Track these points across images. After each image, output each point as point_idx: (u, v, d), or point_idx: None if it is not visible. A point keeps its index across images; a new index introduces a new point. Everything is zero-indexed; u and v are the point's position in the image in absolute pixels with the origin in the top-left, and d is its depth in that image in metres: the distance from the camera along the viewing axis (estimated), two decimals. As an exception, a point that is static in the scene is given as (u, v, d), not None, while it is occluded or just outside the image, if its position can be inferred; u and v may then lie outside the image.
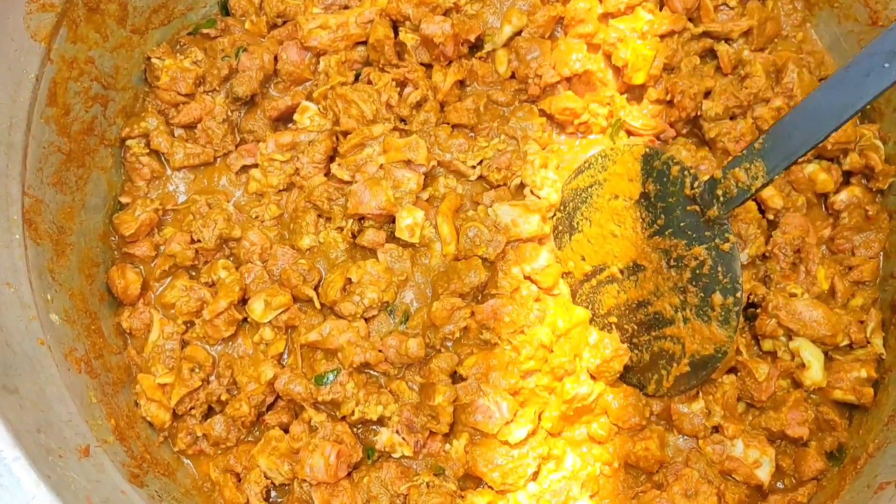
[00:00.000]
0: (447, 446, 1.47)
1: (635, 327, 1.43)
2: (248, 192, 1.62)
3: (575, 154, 1.60)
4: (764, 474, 1.40)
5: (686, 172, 1.29)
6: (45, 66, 1.38)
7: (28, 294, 1.33)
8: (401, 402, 1.47)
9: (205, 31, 1.69)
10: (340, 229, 1.56)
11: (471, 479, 1.47)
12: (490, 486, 1.43)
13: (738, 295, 1.25)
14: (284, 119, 1.67)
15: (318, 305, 1.53)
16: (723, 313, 1.27)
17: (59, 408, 1.29)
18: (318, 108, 1.61)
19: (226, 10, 1.72)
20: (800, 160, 1.54)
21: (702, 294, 1.29)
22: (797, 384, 1.46)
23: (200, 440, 1.51)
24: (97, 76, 1.52)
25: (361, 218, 1.54)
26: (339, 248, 1.55)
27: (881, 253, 1.53)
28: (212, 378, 1.53)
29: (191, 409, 1.51)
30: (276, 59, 1.65)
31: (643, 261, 1.37)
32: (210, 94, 1.65)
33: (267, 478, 1.46)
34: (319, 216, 1.58)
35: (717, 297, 1.27)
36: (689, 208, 1.29)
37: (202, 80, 1.65)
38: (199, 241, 1.57)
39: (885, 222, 1.53)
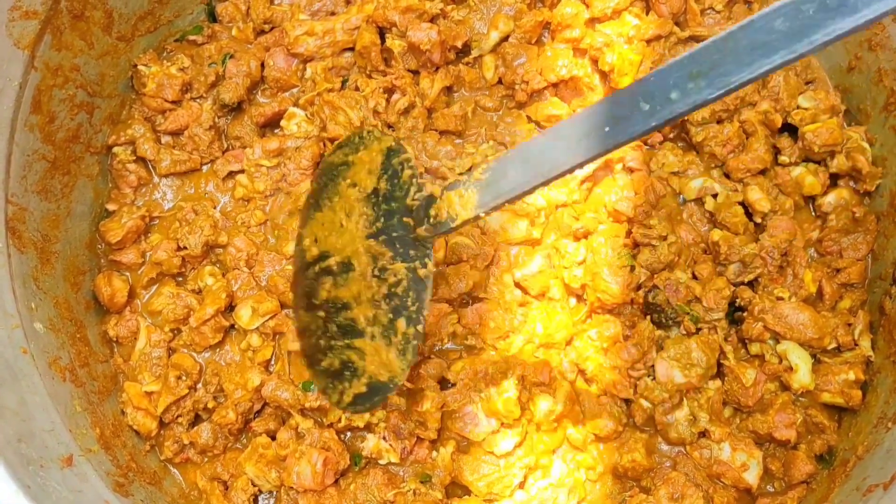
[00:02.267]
0: (434, 453, 1.46)
1: (335, 328, 1.29)
2: (235, 198, 1.62)
3: None
4: (752, 477, 1.39)
5: (414, 181, 1.19)
6: (30, 74, 1.38)
7: (11, 303, 1.32)
8: (388, 407, 1.46)
9: (191, 37, 1.69)
10: None
11: (458, 487, 1.46)
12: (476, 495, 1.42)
13: (420, 328, 1.16)
14: (271, 125, 1.66)
15: None
16: (402, 342, 1.18)
17: (41, 417, 1.28)
18: (306, 115, 1.61)
19: (213, 17, 1.72)
20: (786, 164, 1.56)
21: (391, 315, 1.20)
22: (785, 387, 1.45)
23: (187, 448, 1.50)
24: (82, 84, 1.51)
25: None
26: None
27: (869, 255, 1.53)
28: (199, 386, 1.52)
29: (177, 416, 1.50)
30: (262, 65, 1.65)
31: (355, 260, 1.25)
32: (197, 100, 1.65)
33: (254, 485, 1.45)
34: None
35: (401, 324, 1.18)
36: (405, 219, 1.19)
37: (189, 87, 1.65)
38: (185, 248, 1.57)
39: (872, 224, 1.52)
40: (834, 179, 1.57)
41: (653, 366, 1.44)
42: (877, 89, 1.54)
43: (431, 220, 1.14)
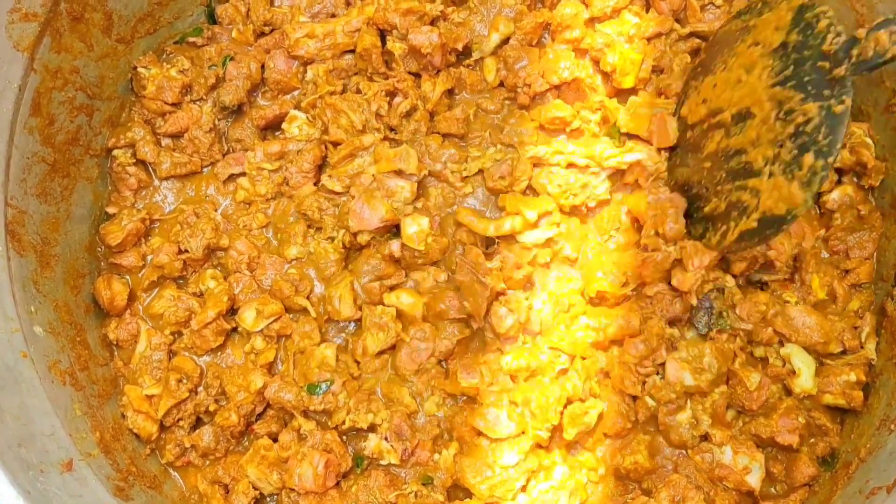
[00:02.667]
0: (436, 455, 1.45)
1: (724, 175, 1.41)
2: (236, 201, 1.61)
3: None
4: (754, 480, 1.39)
5: (832, 28, 1.27)
6: (29, 76, 1.37)
7: (11, 306, 1.32)
8: (393, 407, 1.46)
9: (191, 39, 1.68)
10: (331, 239, 1.55)
11: (459, 490, 1.45)
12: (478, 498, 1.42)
13: (830, 160, 1.23)
14: (272, 127, 1.66)
15: (314, 314, 1.52)
16: (808, 175, 1.25)
17: (41, 421, 1.27)
18: (307, 118, 1.61)
19: (212, 19, 1.72)
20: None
21: (796, 151, 1.27)
22: (787, 391, 1.45)
23: (189, 451, 1.50)
24: (82, 86, 1.51)
25: (357, 232, 1.53)
26: (330, 258, 1.54)
27: (875, 253, 1.53)
28: (199, 389, 1.51)
29: (178, 420, 1.49)
30: (262, 67, 1.64)
31: (755, 108, 1.36)
32: (197, 103, 1.64)
33: (255, 488, 1.45)
34: (309, 226, 1.57)
35: (809, 158, 1.25)
36: (819, 63, 1.27)
37: (189, 89, 1.64)
38: (186, 251, 1.56)
39: (877, 222, 1.52)
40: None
41: (663, 364, 1.44)
42: (878, 90, 1.53)
43: (853, 59, 1.21)
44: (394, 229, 1.53)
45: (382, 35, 1.61)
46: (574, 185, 1.52)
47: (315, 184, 1.59)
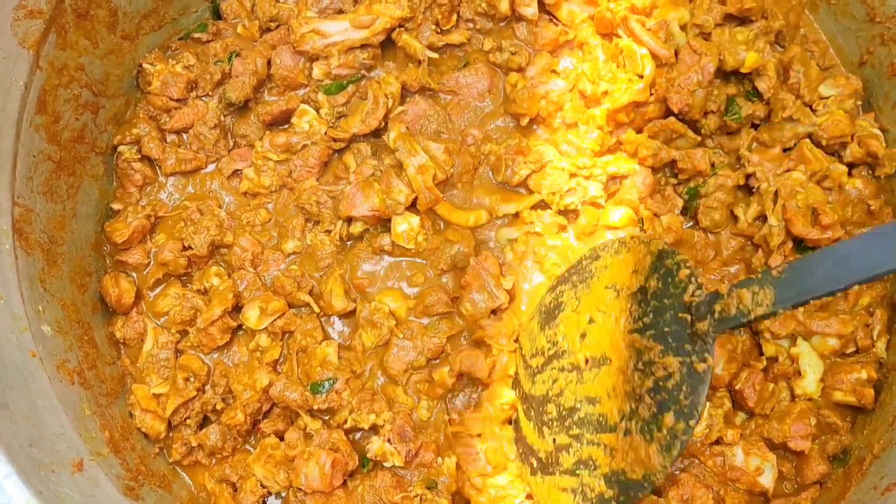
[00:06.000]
0: (439, 459, 1.45)
1: (571, 426, 1.29)
2: (240, 192, 1.60)
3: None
4: (767, 481, 1.38)
5: (692, 279, 1.22)
6: (34, 74, 1.36)
7: (19, 305, 1.31)
8: (395, 408, 1.46)
9: (196, 35, 1.67)
10: (328, 231, 1.55)
11: (464, 496, 1.45)
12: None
13: (692, 423, 1.14)
14: (278, 123, 1.65)
15: (316, 310, 1.52)
16: (668, 437, 1.16)
17: (51, 421, 1.27)
18: (317, 114, 1.60)
19: (217, 15, 1.70)
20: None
21: (655, 409, 1.19)
22: (792, 394, 1.45)
23: (196, 450, 1.49)
24: (87, 83, 1.49)
25: (350, 219, 1.53)
26: (326, 249, 1.54)
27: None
28: (207, 387, 1.51)
29: (186, 419, 1.49)
30: (269, 63, 1.63)
31: (612, 354, 1.28)
32: (202, 99, 1.63)
33: (263, 487, 1.44)
34: (307, 220, 1.57)
35: (669, 419, 1.16)
36: (680, 315, 1.21)
37: (194, 85, 1.63)
38: (190, 248, 1.55)
39: (888, 217, 1.51)
40: (849, 169, 1.54)
41: None
42: (889, 83, 1.53)
43: (716, 315, 1.15)
44: (387, 224, 1.53)
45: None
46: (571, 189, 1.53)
47: (317, 179, 1.59)
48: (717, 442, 1.42)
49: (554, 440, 1.31)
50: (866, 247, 1.02)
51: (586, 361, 1.30)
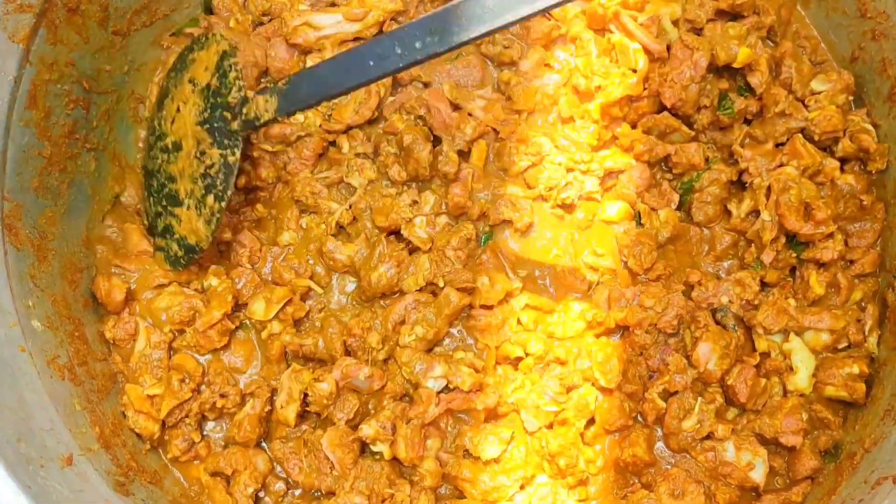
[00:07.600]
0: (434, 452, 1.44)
1: (163, 199, 1.54)
2: (237, 187, 1.60)
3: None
4: (758, 476, 1.38)
5: (238, 82, 1.39)
6: (24, 69, 1.35)
7: (8, 300, 1.31)
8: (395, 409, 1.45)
9: (188, 30, 1.66)
10: (325, 222, 1.55)
11: (455, 490, 1.45)
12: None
13: (223, 204, 1.41)
14: (273, 117, 1.64)
15: (320, 291, 1.54)
16: (209, 214, 1.43)
17: (40, 416, 1.26)
18: None
19: (209, 10, 1.70)
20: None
21: (203, 191, 1.44)
22: (784, 389, 1.45)
23: (195, 446, 1.48)
24: (78, 79, 1.49)
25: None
26: (321, 229, 1.55)
27: (877, 243, 1.52)
28: (202, 388, 1.49)
29: (183, 418, 1.48)
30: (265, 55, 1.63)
31: (184, 142, 1.48)
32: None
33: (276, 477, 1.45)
34: (302, 212, 1.57)
35: (210, 199, 1.43)
36: (224, 113, 1.40)
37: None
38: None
39: (880, 213, 1.51)
40: (841, 165, 1.55)
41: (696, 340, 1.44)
42: (880, 79, 1.53)
43: (243, 116, 1.37)
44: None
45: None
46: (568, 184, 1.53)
47: (311, 171, 1.59)
48: (709, 437, 1.42)
49: (156, 210, 1.56)
50: (337, 66, 1.27)
51: (173, 144, 1.51)
